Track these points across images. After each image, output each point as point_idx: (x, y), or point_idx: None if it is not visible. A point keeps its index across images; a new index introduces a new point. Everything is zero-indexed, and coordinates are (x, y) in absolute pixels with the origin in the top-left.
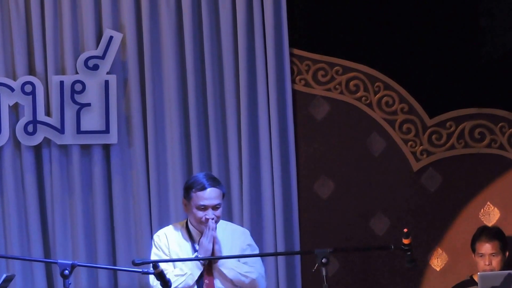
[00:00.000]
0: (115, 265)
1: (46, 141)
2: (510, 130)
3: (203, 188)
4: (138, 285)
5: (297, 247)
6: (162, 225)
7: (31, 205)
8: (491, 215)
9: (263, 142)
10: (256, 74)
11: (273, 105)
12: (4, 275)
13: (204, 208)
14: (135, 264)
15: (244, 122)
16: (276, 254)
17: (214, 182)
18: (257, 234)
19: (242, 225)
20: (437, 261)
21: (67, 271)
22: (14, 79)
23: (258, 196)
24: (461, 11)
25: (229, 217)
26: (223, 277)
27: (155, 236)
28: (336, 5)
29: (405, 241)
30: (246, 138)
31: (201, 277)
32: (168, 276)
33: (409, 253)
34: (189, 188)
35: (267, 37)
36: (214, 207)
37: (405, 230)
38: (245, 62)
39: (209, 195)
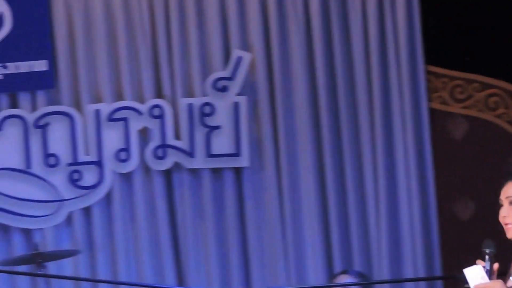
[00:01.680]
0: None
1: (176, 165)
2: None
3: None
4: None
5: (438, 272)
6: (296, 250)
7: (162, 230)
8: None
9: (399, 163)
10: (390, 93)
11: (409, 124)
12: None
13: None
14: None
15: (379, 142)
16: (417, 279)
17: None
18: (395, 258)
19: (379, 248)
20: None
21: None
22: (142, 102)
23: (396, 219)
24: None
25: (366, 244)
26: None
27: None
28: (472, 20)
29: None
30: (381, 160)
31: None
32: None
33: None
34: None
35: (401, 55)
36: None
37: None
38: (378, 80)
39: None
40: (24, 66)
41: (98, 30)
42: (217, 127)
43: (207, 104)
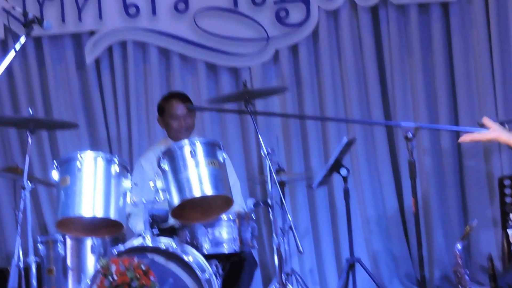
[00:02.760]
0: (456, 125)
1: (383, 1)
2: None
3: None
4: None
5: None
6: (505, 85)
7: (369, 66)
8: None
9: None
10: None
11: None
12: (345, 138)
13: None
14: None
15: None
16: None
17: None
18: None
19: None
20: None
21: (410, 133)
22: None
23: None
24: None
25: None
26: None
27: None
28: None
29: None
30: None
31: None
32: None
33: None
34: None
35: None
36: None
37: None
38: None
39: None
40: None
41: None
42: None
43: None
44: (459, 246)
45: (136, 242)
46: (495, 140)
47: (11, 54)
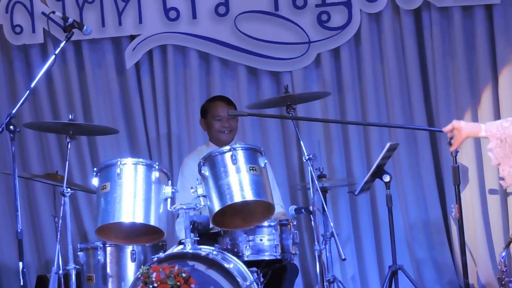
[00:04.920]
0: None
1: (426, 4)
2: None
3: None
4: None
5: None
6: None
7: (411, 70)
8: None
9: None
10: None
11: None
12: (388, 144)
13: None
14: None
15: None
16: None
17: None
18: None
19: None
20: None
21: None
22: None
23: None
24: None
25: None
26: None
27: None
28: None
29: None
30: None
31: None
32: None
33: None
34: None
35: None
36: None
37: None
38: None
39: None
40: None
41: None
42: None
43: None
44: (503, 253)
45: (176, 249)
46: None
47: (51, 59)
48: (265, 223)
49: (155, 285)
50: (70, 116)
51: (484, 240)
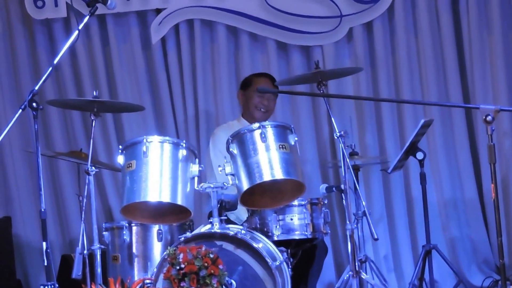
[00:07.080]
0: None
1: None
2: None
3: None
4: None
5: None
6: None
7: (447, 45)
8: None
9: None
10: None
11: None
12: (423, 121)
13: None
14: None
15: None
16: None
17: None
18: None
19: None
20: None
21: (490, 116)
22: None
23: None
24: None
25: None
26: None
27: None
28: None
29: None
30: None
31: None
32: None
33: None
34: None
35: None
36: None
37: None
38: None
39: None
40: None
41: None
42: None
43: None
44: None
45: (204, 228)
46: None
47: (75, 34)
48: (295, 202)
49: (182, 266)
50: (94, 93)
51: None
